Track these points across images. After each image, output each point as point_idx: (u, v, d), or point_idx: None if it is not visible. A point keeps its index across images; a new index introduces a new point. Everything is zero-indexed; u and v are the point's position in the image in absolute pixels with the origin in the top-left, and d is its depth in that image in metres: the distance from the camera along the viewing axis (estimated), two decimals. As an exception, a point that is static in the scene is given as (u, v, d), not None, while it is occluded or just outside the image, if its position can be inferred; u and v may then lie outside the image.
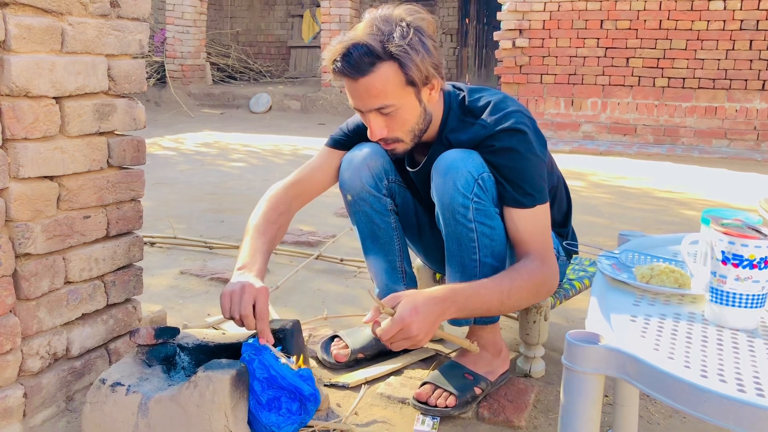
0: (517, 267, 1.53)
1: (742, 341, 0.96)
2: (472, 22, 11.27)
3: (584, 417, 0.93)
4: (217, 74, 10.64)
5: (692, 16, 6.37)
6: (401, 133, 1.55)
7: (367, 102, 1.49)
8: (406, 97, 1.50)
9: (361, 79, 1.46)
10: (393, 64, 1.45)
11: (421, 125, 1.56)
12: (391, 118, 1.51)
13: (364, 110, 1.52)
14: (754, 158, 5.90)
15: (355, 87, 1.49)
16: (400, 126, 1.53)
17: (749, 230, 1.00)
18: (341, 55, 1.46)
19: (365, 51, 1.44)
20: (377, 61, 1.45)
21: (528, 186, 1.52)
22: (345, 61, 1.46)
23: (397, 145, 1.58)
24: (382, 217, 1.73)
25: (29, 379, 1.38)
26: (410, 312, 1.34)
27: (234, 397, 1.30)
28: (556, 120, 6.96)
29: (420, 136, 1.59)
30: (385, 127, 1.53)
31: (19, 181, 1.32)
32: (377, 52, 1.44)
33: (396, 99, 1.49)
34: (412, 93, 1.50)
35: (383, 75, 1.46)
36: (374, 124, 1.52)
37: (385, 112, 1.50)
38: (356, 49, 1.45)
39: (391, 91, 1.47)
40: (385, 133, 1.54)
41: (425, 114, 1.56)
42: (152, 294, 2.33)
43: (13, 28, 1.27)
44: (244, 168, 5.24)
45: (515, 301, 1.51)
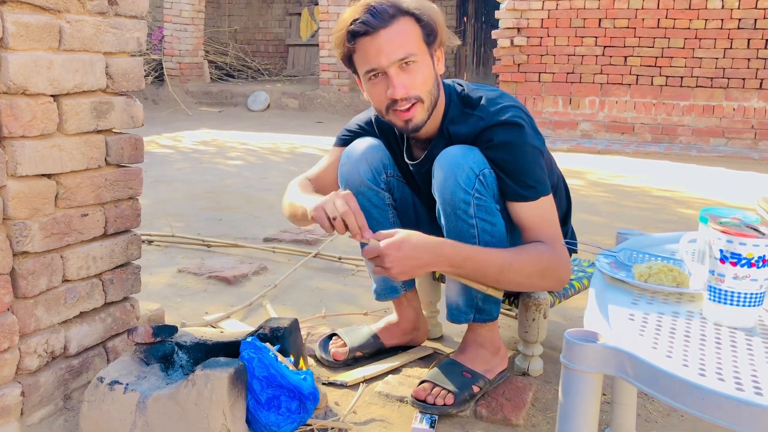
0: (525, 245, 1.55)
1: (741, 340, 0.96)
2: (471, 21, 11.26)
3: (582, 415, 0.93)
4: (215, 72, 10.62)
5: (690, 14, 6.37)
6: (422, 92, 1.53)
7: (390, 53, 1.50)
8: (424, 53, 1.54)
9: (383, 30, 1.49)
10: (412, 19, 1.52)
11: (436, 93, 1.57)
12: (413, 73, 1.52)
13: (386, 65, 1.50)
14: (751, 157, 5.90)
15: (376, 41, 1.50)
16: (421, 83, 1.53)
17: (747, 229, 1.00)
18: (363, 11, 1.51)
19: (387, 4, 1.51)
20: (399, 13, 1.51)
21: (529, 179, 1.52)
22: (368, 14, 1.50)
23: (416, 109, 1.54)
24: (381, 212, 1.73)
25: (27, 378, 1.38)
26: (390, 247, 1.40)
27: (232, 396, 1.30)
28: (554, 119, 6.96)
29: (433, 108, 1.57)
30: (408, 82, 1.52)
31: (16, 179, 1.31)
32: (398, 5, 1.51)
33: (417, 50, 1.52)
34: (427, 52, 1.55)
35: (404, 26, 1.51)
36: (397, 80, 1.51)
37: (408, 61, 1.50)
38: (378, 5, 1.51)
39: (414, 42, 1.52)
40: (409, 91, 1.52)
41: (438, 82, 1.59)
42: (150, 292, 2.33)
43: (10, 26, 1.27)
44: (242, 166, 5.24)
45: (516, 275, 1.52)
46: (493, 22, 8.07)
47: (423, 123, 1.57)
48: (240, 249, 2.92)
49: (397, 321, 1.88)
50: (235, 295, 2.37)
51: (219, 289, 2.44)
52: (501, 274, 1.50)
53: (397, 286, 1.83)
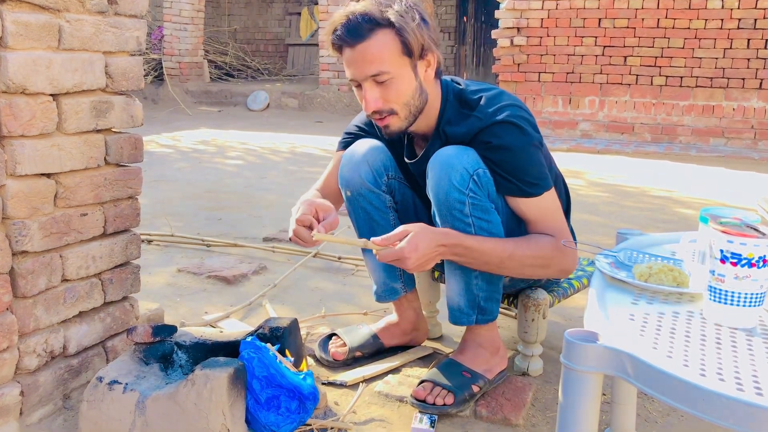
0: (528, 236, 1.58)
1: (741, 340, 0.96)
2: (470, 21, 11.26)
3: (582, 415, 0.93)
4: (214, 72, 10.62)
5: (690, 14, 6.37)
6: (396, 105, 1.54)
7: (362, 68, 1.50)
8: (402, 67, 1.51)
9: (359, 45, 1.49)
10: (390, 31, 1.49)
11: (416, 102, 1.56)
12: (386, 87, 1.52)
13: (360, 79, 1.52)
14: (751, 157, 5.90)
15: (353, 54, 1.51)
16: (395, 97, 1.53)
17: (748, 229, 1.00)
18: (341, 23, 1.50)
19: (364, 17, 1.49)
20: (376, 27, 1.49)
21: (531, 177, 1.53)
22: (344, 27, 1.50)
23: (391, 119, 1.56)
24: (381, 214, 1.73)
25: (26, 377, 1.38)
26: (410, 249, 1.44)
27: (231, 395, 1.30)
28: (553, 118, 6.96)
29: (416, 115, 1.58)
30: (380, 98, 1.53)
31: (16, 179, 1.31)
32: (376, 18, 1.48)
33: (392, 67, 1.50)
34: (408, 64, 1.52)
35: (380, 41, 1.49)
36: (369, 94, 1.52)
37: (380, 80, 1.51)
38: (355, 17, 1.49)
39: (388, 58, 1.49)
40: (380, 105, 1.53)
41: (421, 90, 1.56)
42: (150, 292, 2.33)
43: (10, 25, 1.26)
44: (241, 166, 5.23)
45: (517, 265, 1.55)
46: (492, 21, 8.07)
47: (401, 130, 1.59)
48: (239, 248, 2.92)
49: (397, 321, 1.88)
50: (234, 295, 2.37)
51: (218, 288, 2.44)
52: (502, 262, 1.54)
53: (397, 287, 1.83)
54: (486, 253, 1.53)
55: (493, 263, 1.55)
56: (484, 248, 1.52)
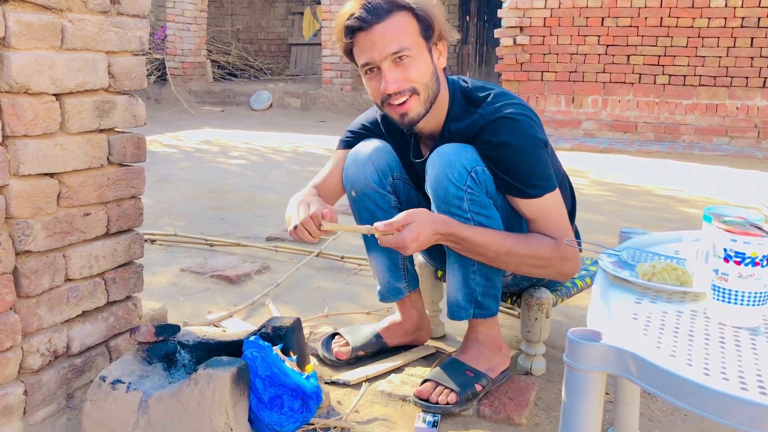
0: (529, 234, 1.59)
1: (745, 339, 0.95)
2: (473, 20, 11.25)
3: (586, 414, 0.93)
4: (217, 72, 10.62)
5: (693, 13, 6.36)
6: (418, 83, 1.53)
7: (382, 48, 1.50)
8: (420, 47, 1.53)
9: (377, 25, 1.49)
10: (408, 13, 1.51)
11: (434, 86, 1.56)
12: (407, 67, 1.51)
13: (379, 59, 1.51)
14: (755, 156, 5.89)
15: (370, 36, 1.50)
16: (416, 76, 1.53)
17: (751, 227, 0.99)
18: (359, 6, 1.51)
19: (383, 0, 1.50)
20: (394, 8, 1.50)
21: (533, 177, 1.52)
22: (363, 9, 1.50)
23: (411, 102, 1.54)
24: (386, 215, 1.72)
25: (30, 377, 1.38)
26: (412, 238, 1.47)
27: (235, 395, 1.30)
28: (556, 117, 6.95)
29: (432, 102, 1.57)
30: (401, 77, 1.52)
31: (19, 179, 1.31)
32: (398, 1, 1.51)
33: (412, 44, 1.51)
34: (425, 47, 1.54)
35: (399, 20, 1.51)
36: (389, 74, 1.51)
37: (401, 55, 1.50)
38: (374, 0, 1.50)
39: (408, 36, 1.51)
40: (401, 84, 1.52)
41: (436, 76, 1.57)
42: (153, 291, 2.33)
43: (12, 25, 1.27)
44: (244, 165, 5.24)
45: (513, 262, 1.56)
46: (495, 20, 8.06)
47: (419, 116, 1.56)
48: (242, 248, 2.92)
49: (400, 321, 1.88)
50: (237, 294, 2.37)
51: (221, 288, 2.44)
52: (498, 257, 1.55)
53: (401, 287, 1.83)
54: (482, 245, 1.54)
55: (489, 256, 1.56)
56: (481, 240, 1.53)
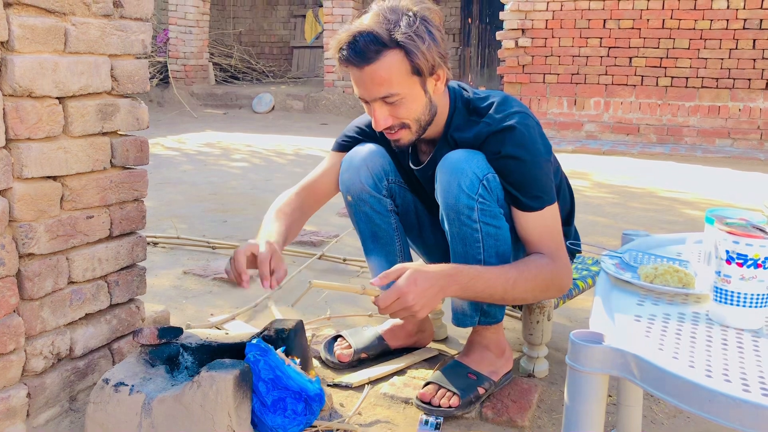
0: (526, 259, 1.54)
1: (747, 341, 0.95)
2: (475, 22, 11.25)
3: (588, 417, 0.93)
4: (219, 74, 10.64)
5: (695, 15, 6.36)
6: (409, 121, 1.53)
7: (371, 90, 1.48)
8: (411, 86, 1.49)
9: (367, 67, 1.45)
10: (399, 52, 1.45)
11: (426, 116, 1.55)
12: (396, 107, 1.50)
13: (369, 99, 1.51)
14: (757, 158, 5.88)
15: (361, 76, 1.48)
16: (405, 115, 1.52)
17: (754, 230, 0.99)
18: (347, 43, 1.46)
19: (371, 39, 1.44)
20: (383, 48, 1.44)
21: (535, 189, 1.52)
22: (351, 48, 1.45)
23: (402, 133, 1.55)
24: (383, 218, 1.73)
25: (33, 379, 1.38)
26: (408, 283, 1.37)
27: (237, 397, 1.30)
28: (558, 120, 6.95)
29: (425, 128, 1.57)
30: (389, 116, 1.51)
31: (22, 182, 1.32)
32: (383, 39, 1.44)
33: (401, 88, 1.47)
34: (417, 83, 1.49)
35: (389, 63, 1.45)
36: (378, 113, 1.51)
37: (389, 101, 1.49)
38: (362, 37, 1.44)
39: (396, 80, 1.46)
40: (390, 122, 1.52)
41: (430, 105, 1.55)
42: (155, 294, 2.34)
43: (16, 29, 1.27)
44: (246, 168, 5.24)
45: (520, 292, 1.52)
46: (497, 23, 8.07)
47: (411, 142, 1.58)
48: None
49: (402, 323, 1.88)
50: (239, 297, 2.37)
51: (224, 290, 2.44)
52: (506, 292, 1.50)
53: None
54: (490, 282, 1.47)
55: (498, 293, 1.49)
56: (488, 277, 1.47)
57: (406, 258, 1.80)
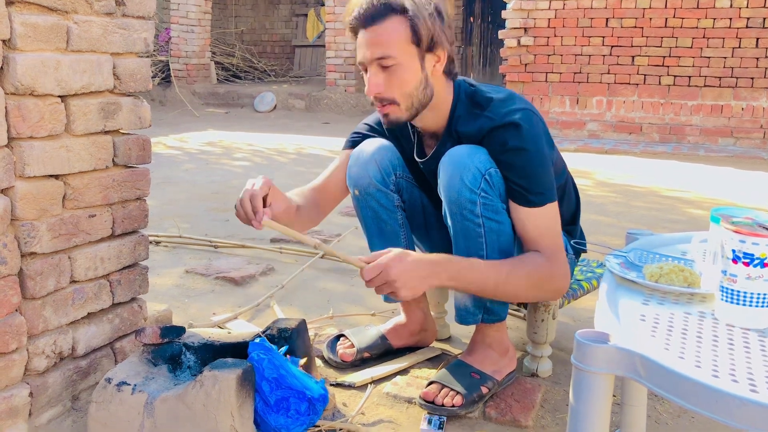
0: (522, 257, 1.55)
1: (754, 340, 0.95)
2: (477, 21, 11.24)
3: (594, 417, 0.92)
4: (221, 73, 10.64)
5: (698, 13, 6.34)
6: (398, 94, 1.54)
7: (370, 50, 1.52)
8: (409, 55, 1.51)
9: (371, 26, 1.51)
10: (404, 19, 1.50)
11: (420, 95, 1.55)
12: (390, 74, 1.52)
13: (366, 61, 1.54)
14: (760, 157, 5.87)
15: (364, 36, 1.53)
16: (398, 85, 1.53)
17: (760, 228, 0.98)
18: (360, 4, 1.52)
19: (383, 2, 1.50)
20: (390, 12, 1.50)
21: (537, 185, 1.51)
22: (361, 8, 1.52)
23: (391, 109, 1.56)
24: (389, 213, 1.72)
25: (35, 379, 1.38)
26: (393, 258, 1.41)
27: (240, 397, 1.30)
28: (561, 118, 6.94)
29: (418, 109, 1.57)
30: (382, 83, 1.53)
31: (24, 180, 1.31)
32: (392, 3, 1.50)
33: (398, 53, 1.50)
34: (415, 54, 1.52)
35: (392, 26, 1.50)
36: (372, 78, 1.53)
37: (385, 64, 1.51)
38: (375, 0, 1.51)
39: (396, 44, 1.50)
40: (381, 90, 1.53)
41: (426, 84, 1.55)
42: (158, 293, 2.33)
43: (18, 27, 1.27)
44: (248, 167, 5.24)
45: (513, 288, 1.53)
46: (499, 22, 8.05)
47: (400, 120, 1.58)
48: (247, 249, 2.92)
49: (404, 322, 1.87)
50: (242, 296, 2.37)
51: (226, 289, 2.44)
52: (497, 286, 1.51)
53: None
54: (481, 275, 1.49)
55: (489, 287, 1.51)
56: (479, 270, 1.49)
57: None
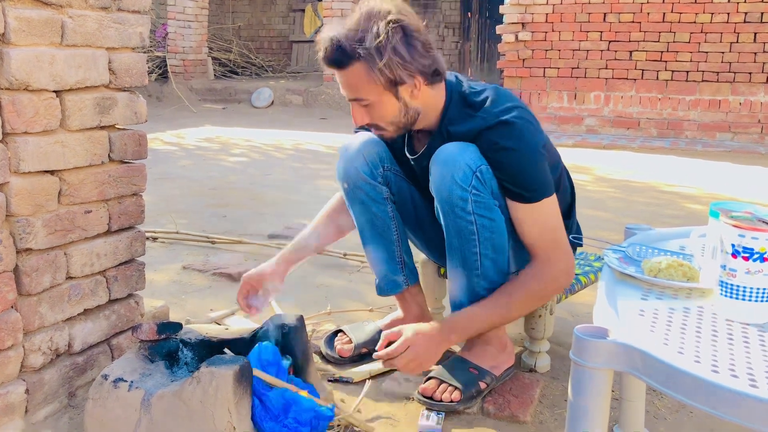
0: (516, 279, 1.59)
1: (753, 335, 0.94)
2: (475, 16, 11.23)
3: (592, 412, 0.92)
4: (218, 69, 10.61)
5: (696, 8, 6.33)
6: (382, 123, 1.58)
7: (346, 92, 1.57)
8: (380, 94, 1.53)
9: (338, 71, 1.54)
10: (362, 64, 1.50)
11: (403, 120, 1.58)
12: (369, 110, 1.56)
13: (347, 99, 1.58)
14: (758, 151, 5.87)
15: (338, 77, 1.56)
16: (378, 118, 1.57)
17: (759, 223, 0.98)
18: (323, 47, 1.54)
19: (338, 48, 1.51)
20: (348, 60, 1.51)
21: (532, 181, 1.51)
22: (325, 53, 1.54)
23: (381, 132, 1.62)
24: (379, 206, 1.73)
25: (31, 375, 1.37)
26: (414, 334, 1.52)
27: (237, 393, 1.29)
28: (559, 114, 6.93)
29: (407, 128, 1.61)
30: (365, 115, 1.58)
31: (19, 176, 1.30)
32: (348, 51, 1.50)
33: (369, 95, 1.53)
34: (387, 91, 1.53)
35: (354, 72, 1.51)
36: (355, 112, 1.59)
37: (362, 104, 1.55)
38: (332, 46, 1.52)
39: (363, 88, 1.52)
40: (366, 121, 1.59)
41: (406, 109, 1.56)
42: (155, 289, 2.33)
43: (12, 21, 1.26)
44: (245, 163, 5.23)
45: (518, 311, 1.60)
46: (497, 17, 8.05)
47: (392, 138, 1.65)
48: (245, 245, 2.91)
49: (402, 317, 1.87)
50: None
51: (224, 285, 2.43)
52: (504, 318, 1.59)
53: (399, 280, 1.81)
54: (485, 317, 1.56)
55: (498, 322, 1.60)
56: (484, 314, 1.56)
57: (404, 248, 1.80)
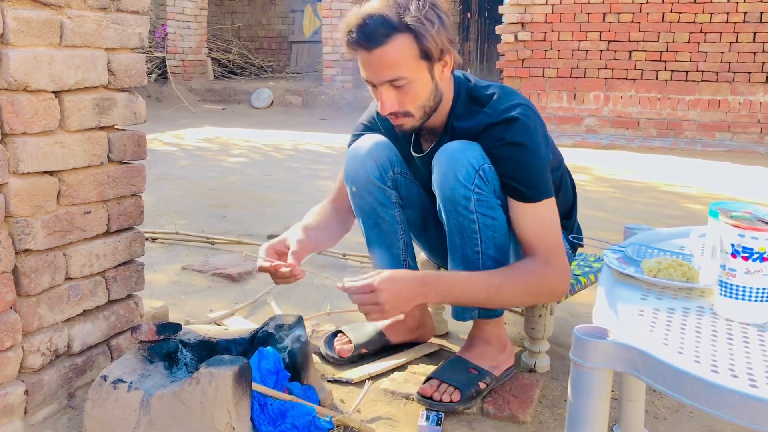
0: (514, 265, 1.55)
1: (753, 335, 0.94)
2: (474, 16, 11.23)
3: (592, 412, 0.92)
4: (218, 70, 10.61)
5: (695, 8, 6.33)
6: (412, 108, 1.52)
7: (380, 74, 1.48)
8: (419, 71, 1.48)
9: (376, 50, 1.45)
10: (408, 36, 1.44)
11: (431, 102, 1.54)
12: (403, 91, 1.49)
13: (377, 83, 1.50)
14: (757, 151, 5.87)
15: (369, 58, 1.47)
16: (411, 100, 1.51)
17: (759, 223, 0.98)
18: (357, 25, 1.45)
19: (381, 22, 1.43)
20: (393, 32, 1.44)
21: (533, 179, 1.50)
22: (360, 31, 1.45)
23: (405, 120, 1.55)
24: (387, 210, 1.71)
25: (30, 376, 1.37)
26: (382, 281, 1.41)
27: (237, 394, 1.29)
28: (558, 114, 6.93)
29: (430, 114, 1.56)
30: (396, 101, 1.51)
31: (18, 177, 1.30)
32: (393, 23, 1.43)
33: (409, 72, 1.47)
34: (425, 67, 1.49)
35: (398, 46, 1.44)
36: (386, 97, 1.50)
37: (397, 84, 1.48)
38: (372, 20, 1.44)
39: (405, 64, 1.46)
40: (396, 107, 1.51)
41: (436, 91, 1.54)
42: (154, 290, 2.32)
43: (11, 22, 1.25)
44: (245, 163, 5.23)
45: (505, 298, 1.53)
46: (496, 17, 8.04)
47: (414, 128, 1.58)
48: (244, 246, 2.91)
49: (402, 318, 1.87)
50: (239, 293, 2.36)
51: (223, 286, 2.43)
52: (489, 298, 1.51)
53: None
54: (471, 289, 1.49)
55: (481, 299, 1.52)
56: (469, 284, 1.49)
57: (410, 252, 1.79)
